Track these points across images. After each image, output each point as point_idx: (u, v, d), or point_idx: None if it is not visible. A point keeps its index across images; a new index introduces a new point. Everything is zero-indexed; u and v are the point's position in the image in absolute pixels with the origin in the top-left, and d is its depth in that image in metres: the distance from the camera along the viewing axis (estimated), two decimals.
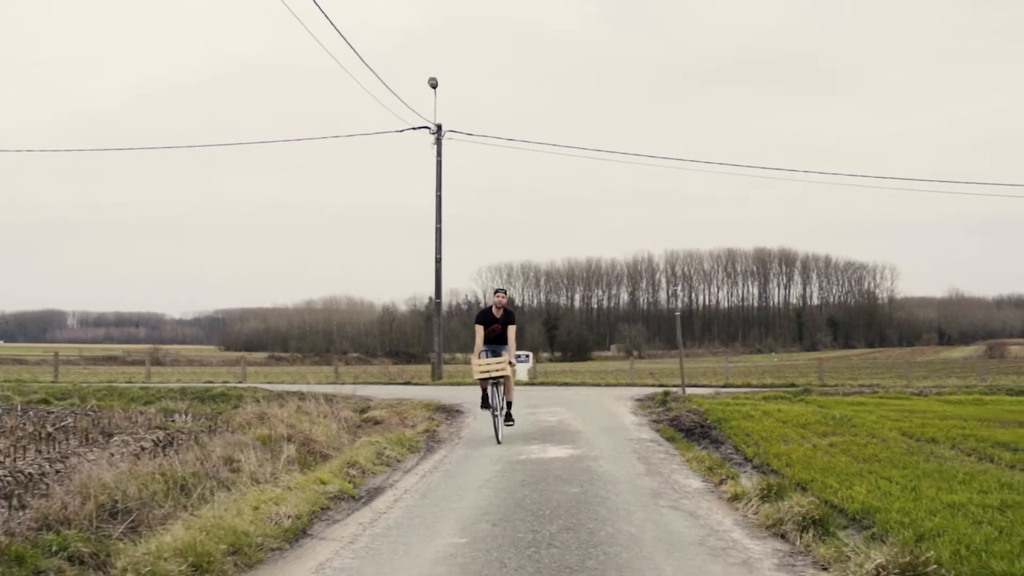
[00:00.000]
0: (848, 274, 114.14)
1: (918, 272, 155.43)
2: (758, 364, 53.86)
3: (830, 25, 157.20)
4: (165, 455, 8.22)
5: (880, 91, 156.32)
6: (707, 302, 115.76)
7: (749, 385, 23.26)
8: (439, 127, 24.45)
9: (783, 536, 5.41)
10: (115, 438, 11.15)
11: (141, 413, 14.54)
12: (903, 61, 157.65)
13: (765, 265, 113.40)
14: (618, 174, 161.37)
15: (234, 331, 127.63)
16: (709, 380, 25.83)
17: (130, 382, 25.65)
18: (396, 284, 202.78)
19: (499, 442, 10.25)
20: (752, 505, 6.23)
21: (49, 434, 10.58)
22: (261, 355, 76.46)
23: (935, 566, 4.41)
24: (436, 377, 25.17)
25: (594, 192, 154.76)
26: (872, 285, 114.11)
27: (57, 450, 9.67)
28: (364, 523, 5.71)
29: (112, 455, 8.24)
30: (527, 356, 25.52)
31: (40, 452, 9.55)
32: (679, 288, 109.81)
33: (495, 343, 11.07)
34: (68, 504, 5.99)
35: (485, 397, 10.83)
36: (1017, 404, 16.50)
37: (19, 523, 5.67)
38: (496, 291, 11.40)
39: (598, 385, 23.91)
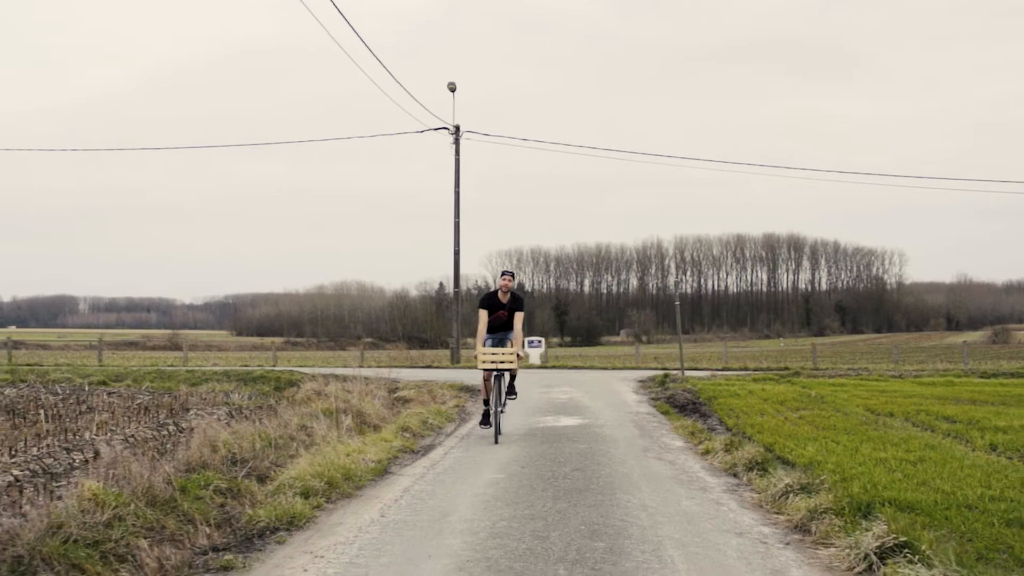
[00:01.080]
0: (857, 259, 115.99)
1: (927, 257, 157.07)
2: (765, 349, 55.91)
3: (841, 5, 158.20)
4: (247, 423, 10.34)
5: (894, 73, 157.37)
6: (716, 287, 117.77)
7: (746, 368, 25.34)
8: (457, 128, 26.48)
9: (735, 475, 7.48)
10: (191, 411, 13.33)
11: (197, 393, 16.74)
12: (917, 42, 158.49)
13: (774, 251, 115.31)
14: (628, 159, 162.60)
15: (245, 316, 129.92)
16: (710, 364, 27.93)
17: (171, 366, 27.83)
18: (404, 269, 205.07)
19: (497, 442, 9.45)
20: (717, 456, 8.31)
21: (144, 407, 12.74)
22: (277, 340, 78.77)
23: (826, 486, 6.46)
24: (455, 361, 27.33)
25: (604, 177, 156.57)
26: (880, 270, 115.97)
27: (158, 420, 11.81)
28: (426, 466, 7.82)
29: (210, 422, 10.36)
30: (539, 341, 27.66)
31: (140, 422, 11.69)
32: (680, 280, 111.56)
33: (500, 330, 10.40)
34: (204, 454, 8.10)
35: (486, 415, 10.25)
36: (982, 385, 18.51)
37: (173, 467, 7.75)
38: (503, 273, 10.46)
39: (605, 368, 26.05)
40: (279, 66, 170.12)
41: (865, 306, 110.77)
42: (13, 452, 8.50)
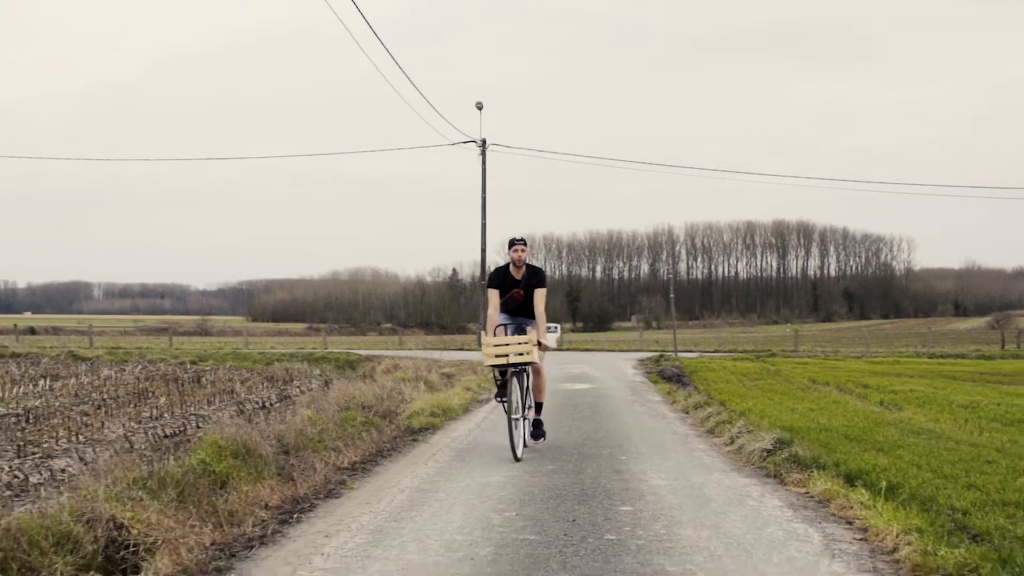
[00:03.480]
0: (866, 246, 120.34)
1: (937, 244, 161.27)
2: (770, 334, 60.58)
3: None
4: (361, 385, 15.12)
5: (904, 58, 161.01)
6: (726, 273, 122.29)
7: (735, 351, 30.09)
8: (484, 141, 31.25)
9: (686, 412, 12.20)
10: (295, 382, 18.13)
11: (287, 370, 21.56)
12: (928, 25, 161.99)
13: (783, 237, 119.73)
14: (639, 146, 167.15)
15: (260, 302, 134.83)
16: (705, 347, 32.75)
17: (237, 349, 32.74)
18: (417, 256, 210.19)
19: (518, 459, 7.71)
20: (679, 404, 13.06)
21: (268, 378, 17.57)
22: (300, 326, 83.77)
23: (742, 418, 11.16)
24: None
25: (615, 164, 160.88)
26: (889, 257, 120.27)
27: (276, 387, 16.59)
28: (489, 409, 12.57)
29: (342, 384, 15.16)
30: (556, 327, 32.49)
31: (273, 387, 16.48)
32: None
33: (518, 314, 8.54)
34: (347, 402, 12.86)
35: (503, 386, 8.16)
36: (921, 364, 23.22)
37: (331, 408, 12.50)
38: (512, 243, 8.46)
39: (612, 351, 30.90)
40: (289, 52, 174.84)
41: (873, 292, 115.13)
42: (222, 401, 13.32)
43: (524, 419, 8.32)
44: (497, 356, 7.89)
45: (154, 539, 5.02)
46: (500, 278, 8.51)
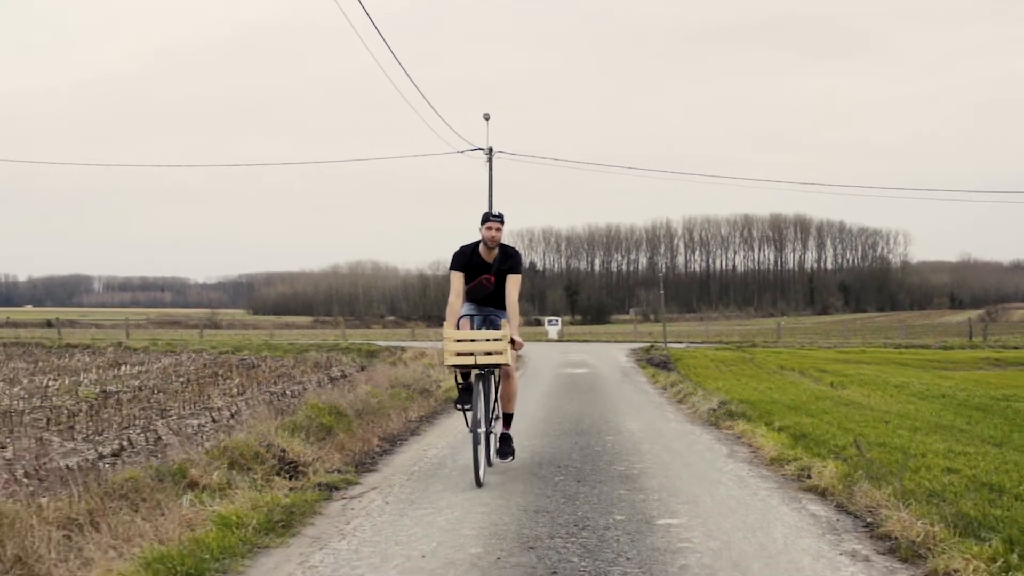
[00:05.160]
0: (862, 239, 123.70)
1: (934, 236, 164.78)
2: (763, 327, 64.03)
3: None
4: (400, 368, 18.45)
5: (904, 52, 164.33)
6: (724, 267, 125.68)
7: (721, 342, 33.47)
8: (490, 149, 34.48)
9: (664, 388, 15.55)
10: (333, 368, 21.45)
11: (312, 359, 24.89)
12: (927, 19, 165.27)
13: (781, 231, 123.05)
14: (639, 139, 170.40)
15: (262, 295, 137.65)
16: (694, 339, 36.18)
17: (266, 340, 36.09)
18: (416, 249, 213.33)
19: (480, 485, 6.50)
20: (660, 383, 16.41)
21: (314, 364, 20.90)
22: (305, 319, 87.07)
23: (706, 392, 14.51)
24: None
25: (615, 158, 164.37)
26: (885, 250, 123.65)
27: (322, 372, 19.89)
28: None
29: (382, 368, 18.48)
30: (557, 320, 36.06)
31: (318, 372, 19.80)
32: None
33: (486, 305, 7.35)
34: (391, 382, 16.18)
35: (467, 390, 7.09)
36: (884, 353, 26.61)
37: (384, 384, 15.81)
38: (487, 218, 7.16)
39: (609, 342, 34.33)
40: (288, 46, 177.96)
41: (869, 285, 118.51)
42: (286, 382, 16.66)
43: (492, 429, 7.20)
44: (459, 355, 6.69)
45: (305, 459, 8.32)
46: (466, 259, 7.19)
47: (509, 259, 7.23)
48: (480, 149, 34.81)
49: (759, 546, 4.77)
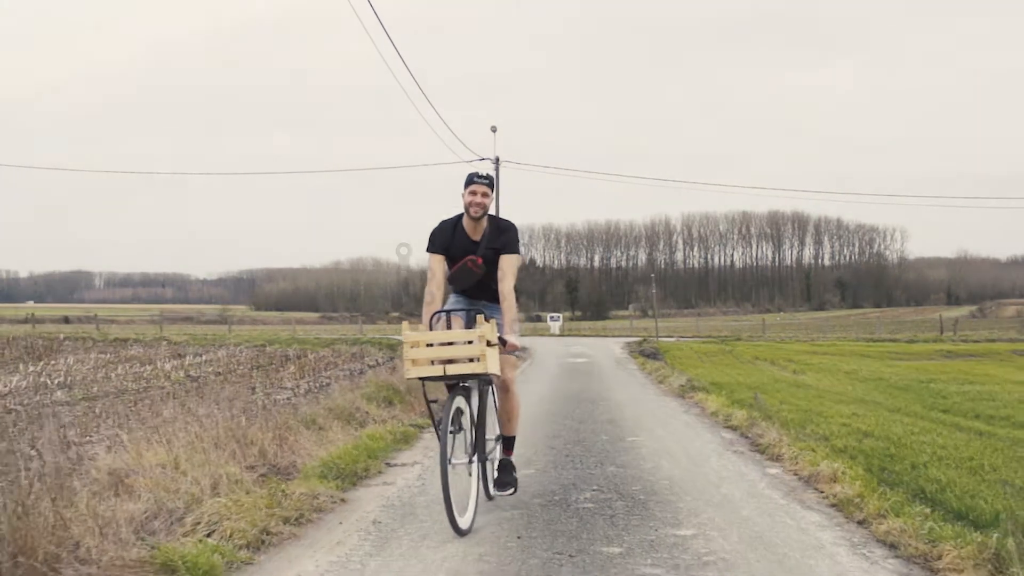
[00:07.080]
0: (859, 236, 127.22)
1: (931, 232, 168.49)
2: (756, 322, 67.67)
3: None
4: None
5: (903, 47, 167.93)
6: (722, 263, 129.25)
7: (710, 336, 37.12)
8: (497, 159, 38.08)
9: (650, 373, 19.21)
10: (366, 358, 25.08)
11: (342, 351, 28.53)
12: (920, 13, 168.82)
13: (778, 227, 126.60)
14: (639, 137, 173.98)
15: (263, 291, 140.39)
16: (684, 334, 39.88)
17: (293, 335, 39.72)
18: (415, 245, 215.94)
19: (460, 531, 4.94)
20: (647, 369, 20.08)
21: (352, 355, 24.52)
22: (312, 314, 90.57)
23: (681, 375, 18.17)
24: None
25: (615, 158, 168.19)
26: (882, 246, 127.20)
27: (358, 362, 23.49)
28: (525, 368, 19.55)
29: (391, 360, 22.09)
30: (559, 316, 39.71)
31: (354, 362, 23.40)
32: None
33: (477, 296, 5.85)
34: None
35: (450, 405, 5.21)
36: (855, 346, 30.25)
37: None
38: (471, 179, 5.59)
39: (606, 336, 38.04)
40: (288, 41, 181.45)
41: (866, 281, 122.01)
42: (334, 370, 20.28)
43: (477, 463, 5.50)
44: (416, 363, 5.20)
45: (382, 418, 11.95)
46: (447, 238, 5.72)
47: (502, 235, 5.64)
48: (487, 159, 38.44)
49: (684, 448, 8.44)
